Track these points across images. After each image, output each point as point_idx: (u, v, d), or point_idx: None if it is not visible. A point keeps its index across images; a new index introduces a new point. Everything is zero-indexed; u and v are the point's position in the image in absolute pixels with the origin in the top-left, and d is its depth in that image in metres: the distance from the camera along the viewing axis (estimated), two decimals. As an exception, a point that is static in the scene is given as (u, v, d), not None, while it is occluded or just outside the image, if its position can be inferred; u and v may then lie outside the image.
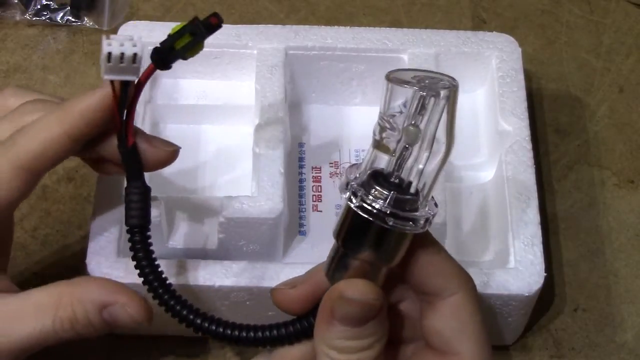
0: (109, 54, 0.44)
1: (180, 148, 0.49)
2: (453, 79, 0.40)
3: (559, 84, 0.69)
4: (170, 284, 0.46)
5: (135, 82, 0.45)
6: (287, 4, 0.72)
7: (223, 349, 0.57)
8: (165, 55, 0.45)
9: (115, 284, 0.47)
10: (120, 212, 0.53)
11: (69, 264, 0.59)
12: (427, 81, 0.40)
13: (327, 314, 0.41)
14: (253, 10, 0.72)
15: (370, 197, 0.40)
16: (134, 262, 0.46)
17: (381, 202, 0.40)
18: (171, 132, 0.62)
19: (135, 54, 0.44)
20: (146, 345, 0.57)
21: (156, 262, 0.46)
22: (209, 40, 0.61)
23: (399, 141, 0.40)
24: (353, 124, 0.64)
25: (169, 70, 0.62)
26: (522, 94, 0.60)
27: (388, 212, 0.40)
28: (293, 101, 0.63)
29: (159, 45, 0.45)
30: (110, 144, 0.48)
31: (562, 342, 0.58)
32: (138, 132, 0.48)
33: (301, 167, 0.61)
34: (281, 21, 0.71)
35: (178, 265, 0.53)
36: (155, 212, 0.53)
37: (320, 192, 0.60)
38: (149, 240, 0.46)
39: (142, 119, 0.59)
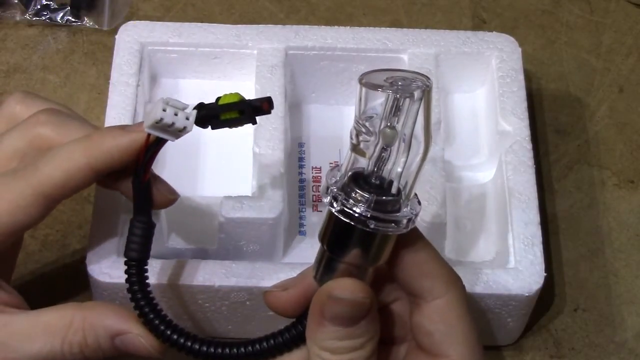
0: (161, 119, 0.43)
1: (179, 197, 0.50)
2: (427, 77, 0.40)
3: (559, 84, 0.69)
4: (165, 315, 0.46)
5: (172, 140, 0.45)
6: (287, 4, 0.72)
7: None
8: (209, 119, 0.45)
9: (129, 313, 0.46)
10: (120, 212, 0.53)
11: (69, 264, 0.59)
12: (400, 83, 0.40)
13: (318, 315, 0.41)
14: (253, 10, 0.72)
15: (351, 201, 0.40)
16: (129, 295, 0.46)
17: (362, 205, 0.40)
18: (171, 132, 0.62)
19: (184, 128, 0.44)
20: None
21: (151, 295, 0.46)
22: (209, 40, 0.61)
23: (376, 144, 0.40)
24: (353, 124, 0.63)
25: (169, 70, 0.63)
26: (522, 94, 0.60)
27: (369, 215, 0.39)
28: (293, 101, 0.63)
29: (205, 103, 0.45)
30: (126, 180, 0.47)
31: (562, 342, 0.58)
32: (151, 173, 0.48)
33: (301, 167, 0.61)
34: (281, 21, 0.71)
35: (178, 265, 0.53)
36: (155, 213, 0.53)
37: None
38: (146, 274, 0.46)
39: (142, 119, 0.59)
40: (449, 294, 0.42)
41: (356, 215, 0.40)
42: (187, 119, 0.44)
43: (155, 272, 0.52)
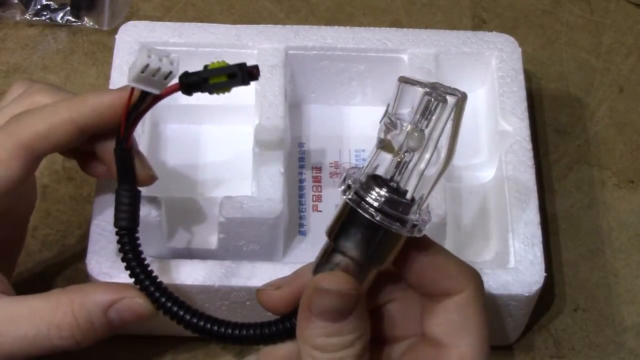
0: (147, 65, 0.44)
1: (158, 179, 0.50)
2: (464, 93, 0.41)
3: (559, 84, 0.69)
4: (160, 282, 0.46)
5: (156, 94, 0.45)
6: (287, 4, 0.72)
7: (223, 350, 0.57)
8: (195, 84, 0.45)
9: (119, 284, 0.47)
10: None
11: (69, 264, 0.59)
12: (438, 88, 0.41)
13: (306, 311, 0.41)
14: (253, 10, 0.72)
15: (371, 197, 0.41)
16: (124, 263, 0.46)
17: (373, 197, 0.40)
18: (171, 132, 0.62)
19: (170, 72, 0.44)
20: (145, 346, 0.57)
21: (146, 262, 0.46)
22: (209, 40, 0.61)
23: (402, 144, 0.41)
24: (353, 124, 0.64)
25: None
26: (522, 94, 0.60)
27: (376, 205, 0.40)
28: (293, 101, 0.63)
29: (190, 72, 0.45)
30: (107, 145, 0.48)
31: (562, 342, 0.58)
32: (133, 143, 0.48)
33: (301, 167, 0.61)
34: (281, 21, 0.71)
35: (178, 265, 0.52)
36: (155, 212, 0.53)
37: (320, 192, 0.60)
38: (138, 242, 0.47)
39: (142, 119, 0.59)
40: (469, 289, 0.42)
41: (365, 204, 0.40)
42: (172, 64, 0.44)
43: (155, 272, 0.52)
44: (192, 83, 0.45)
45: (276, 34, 0.61)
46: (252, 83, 0.59)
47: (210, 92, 0.45)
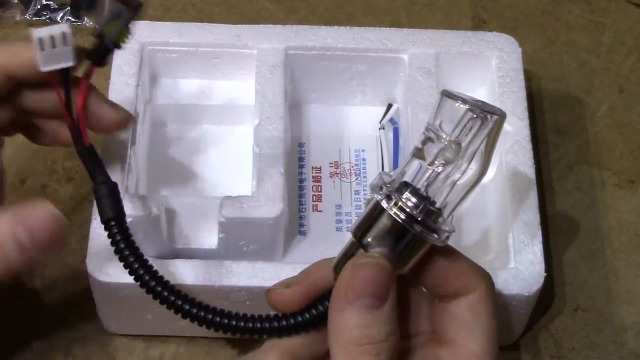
0: (40, 39, 0.44)
1: (133, 117, 0.50)
2: (503, 112, 0.42)
3: (559, 84, 0.69)
4: (161, 276, 0.46)
5: (72, 66, 0.45)
6: (287, 4, 0.72)
7: (223, 349, 0.57)
8: (97, 48, 0.46)
9: (23, 205, 0.44)
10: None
11: (69, 264, 0.59)
12: (479, 105, 0.42)
13: (342, 299, 0.41)
14: (253, 10, 0.72)
15: (403, 202, 0.41)
16: (118, 255, 0.46)
17: (413, 209, 0.41)
18: (171, 132, 0.62)
19: (63, 33, 0.44)
20: (145, 346, 0.57)
21: (139, 251, 0.46)
22: (209, 40, 0.61)
23: (437, 155, 0.42)
24: (353, 124, 0.64)
25: (169, 70, 0.63)
26: (522, 94, 0.60)
27: (419, 219, 0.41)
28: (293, 101, 0.63)
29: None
30: (39, 98, 0.47)
31: (562, 342, 0.58)
32: (94, 93, 0.48)
33: (301, 167, 0.61)
34: (281, 21, 0.71)
35: (178, 265, 0.53)
36: (155, 212, 0.53)
37: (320, 192, 0.60)
38: (129, 232, 0.46)
39: (142, 119, 0.59)
40: (480, 289, 0.43)
41: (405, 215, 0.41)
42: (60, 23, 0.45)
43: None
44: (95, 49, 0.45)
45: (276, 34, 0.61)
46: (252, 83, 0.60)
47: (117, 45, 0.46)
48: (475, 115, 0.41)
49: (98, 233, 0.53)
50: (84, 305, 0.57)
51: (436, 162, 0.42)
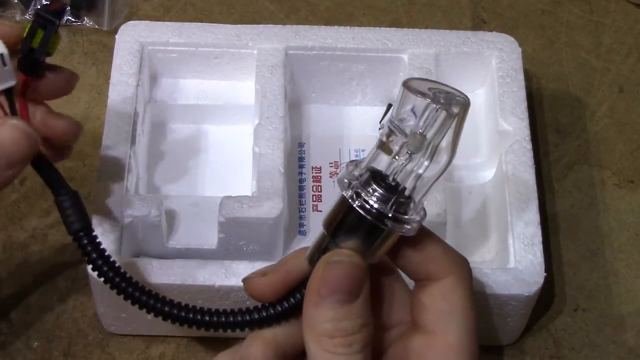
0: None
1: (81, 125, 0.49)
2: (466, 96, 0.41)
3: (559, 84, 0.69)
4: (137, 282, 0.46)
5: (14, 85, 0.45)
6: (287, 4, 0.72)
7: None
8: (30, 60, 0.45)
9: None
10: (120, 211, 0.53)
11: (69, 264, 0.59)
12: (442, 95, 0.41)
13: (314, 294, 0.41)
14: (253, 10, 0.72)
15: (373, 198, 0.41)
16: (90, 265, 0.46)
17: (382, 203, 0.41)
18: (171, 132, 0.62)
19: (1, 54, 0.44)
20: (145, 346, 0.57)
21: (112, 259, 0.46)
22: (209, 40, 0.61)
23: (402, 146, 0.41)
24: (353, 124, 0.64)
25: (169, 70, 0.63)
26: (522, 94, 0.60)
27: (390, 215, 0.41)
28: (293, 101, 0.63)
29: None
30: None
31: (562, 342, 0.58)
32: (42, 106, 0.48)
33: (301, 167, 0.61)
34: (281, 21, 0.71)
35: (178, 265, 0.53)
36: (155, 212, 0.53)
37: (320, 192, 0.60)
38: (98, 240, 0.46)
39: (142, 119, 0.59)
40: (454, 275, 0.43)
41: (375, 212, 0.41)
42: None
43: (155, 272, 0.52)
44: (28, 62, 0.45)
45: (276, 34, 0.61)
46: (252, 83, 0.60)
47: (48, 53, 0.45)
48: (437, 107, 0.41)
49: (98, 233, 0.53)
50: (84, 305, 0.57)
51: (400, 155, 0.41)
